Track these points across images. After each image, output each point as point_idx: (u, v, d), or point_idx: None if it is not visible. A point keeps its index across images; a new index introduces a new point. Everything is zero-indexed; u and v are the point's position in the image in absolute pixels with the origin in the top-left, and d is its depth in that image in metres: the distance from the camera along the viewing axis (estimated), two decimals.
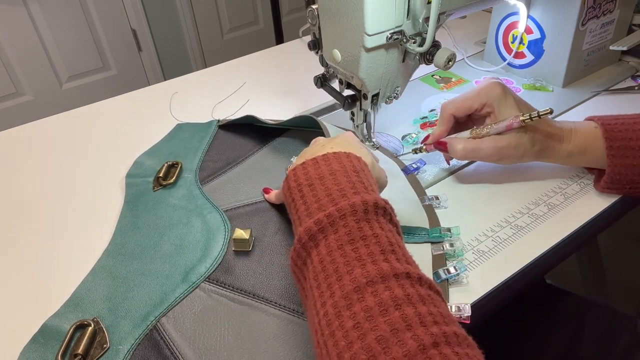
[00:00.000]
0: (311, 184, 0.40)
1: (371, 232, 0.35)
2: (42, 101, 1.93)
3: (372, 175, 0.43)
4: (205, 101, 0.81)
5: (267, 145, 0.69)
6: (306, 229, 0.36)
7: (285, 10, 2.39)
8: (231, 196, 0.60)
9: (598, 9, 0.71)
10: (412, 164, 0.62)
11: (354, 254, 0.34)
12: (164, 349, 0.43)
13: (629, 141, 0.51)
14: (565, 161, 0.56)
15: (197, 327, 0.45)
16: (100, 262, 0.51)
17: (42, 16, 1.79)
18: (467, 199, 0.57)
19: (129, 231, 0.55)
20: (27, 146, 0.74)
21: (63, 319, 0.45)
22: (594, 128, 0.53)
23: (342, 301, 0.31)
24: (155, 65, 2.16)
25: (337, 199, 0.38)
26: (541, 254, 0.49)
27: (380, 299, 0.30)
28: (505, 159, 0.54)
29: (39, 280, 0.52)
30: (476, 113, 0.56)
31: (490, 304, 0.46)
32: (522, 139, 0.52)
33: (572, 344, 0.64)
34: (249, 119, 0.70)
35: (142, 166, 0.65)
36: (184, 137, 0.71)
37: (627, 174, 0.52)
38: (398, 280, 0.32)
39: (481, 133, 0.54)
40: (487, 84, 0.55)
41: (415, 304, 0.30)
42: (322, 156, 0.43)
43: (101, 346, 0.43)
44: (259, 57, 0.97)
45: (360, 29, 0.51)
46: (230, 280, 0.49)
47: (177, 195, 0.60)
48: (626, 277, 1.36)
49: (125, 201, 0.59)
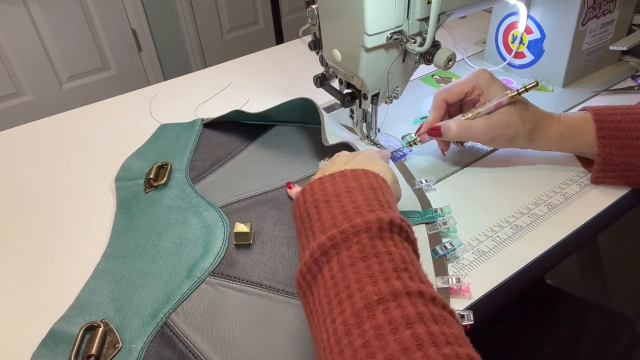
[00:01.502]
0: (327, 200, 0.40)
1: (385, 250, 0.35)
2: (42, 101, 1.93)
3: (390, 193, 0.43)
4: (204, 101, 0.81)
5: (255, 142, 0.70)
6: (319, 244, 0.36)
7: (285, 10, 2.39)
8: (225, 192, 0.60)
9: (598, 9, 0.71)
10: (397, 151, 0.64)
11: (366, 271, 0.33)
12: (177, 344, 0.43)
13: (618, 123, 0.53)
14: (557, 145, 0.57)
15: (208, 320, 0.45)
16: (101, 265, 0.51)
17: (42, 16, 1.79)
18: (467, 199, 0.57)
19: (125, 233, 0.55)
20: (27, 146, 0.74)
21: (71, 323, 0.45)
22: (585, 113, 0.55)
23: (353, 318, 0.31)
24: (155, 65, 2.16)
25: (352, 216, 0.37)
26: (541, 254, 0.49)
27: (391, 317, 0.30)
28: (498, 137, 0.56)
29: (40, 283, 0.51)
30: (467, 98, 0.58)
31: (490, 304, 0.46)
32: (513, 116, 0.54)
33: (572, 344, 0.64)
34: (235, 115, 0.71)
35: (130, 169, 0.65)
36: (169, 138, 0.71)
37: (619, 155, 0.53)
38: (410, 298, 0.31)
39: (473, 115, 0.56)
40: (475, 70, 0.58)
41: (427, 323, 0.29)
42: (340, 173, 0.42)
43: (113, 346, 0.43)
44: (259, 57, 0.97)
45: (360, 29, 0.51)
46: (235, 273, 0.50)
47: (170, 195, 0.60)
48: (626, 277, 1.36)
49: (118, 205, 0.59)
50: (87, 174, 0.67)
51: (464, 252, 0.50)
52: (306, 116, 0.68)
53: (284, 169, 0.64)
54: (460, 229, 0.52)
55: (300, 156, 0.66)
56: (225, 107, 0.74)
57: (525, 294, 0.49)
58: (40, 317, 0.47)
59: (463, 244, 0.51)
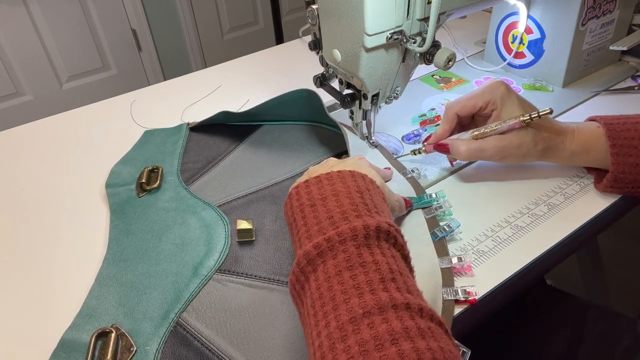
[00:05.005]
0: (313, 204, 0.39)
1: (371, 259, 0.34)
2: (42, 101, 1.93)
3: (378, 195, 0.42)
4: (205, 101, 0.81)
5: (244, 142, 0.70)
6: (305, 252, 0.35)
7: (285, 10, 2.39)
8: (220, 192, 0.60)
9: (598, 9, 0.71)
10: (373, 142, 0.65)
11: (352, 282, 0.32)
12: (193, 342, 0.43)
13: (632, 140, 0.51)
14: (569, 161, 0.56)
15: (220, 315, 0.45)
16: (103, 271, 0.51)
17: (42, 16, 1.79)
18: (467, 199, 0.57)
19: (123, 238, 0.55)
20: (27, 146, 0.74)
21: (80, 331, 0.45)
22: (597, 127, 0.54)
23: (337, 332, 0.30)
24: (155, 65, 2.16)
25: (338, 222, 0.36)
26: (541, 254, 0.49)
27: (376, 332, 0.29)
28: (509, 157, 0.54)
29: (41, 290, 0.51)
30: (480, 112, 0.56)
31: (490, 305, 0.46)
32: (525, 138, 0.53)
33: (573, 345, 0.64)
34: (221, 116, 0.71)
35: (119, 175, 0.64)
36: (156, 143, 0.71)
37: (631, 173, 0.52)
38: (396, 311, 0.30)
39: (483, 133, 0.54)
40: (491, 83, 0.55)
41: (413, 339, 0.28)
42: (326, 175, 0.42)
43: (128, 350, 0.43)
44: (259, 57, 0.97)
45: (360, 29, 0.51)
46: (242, 269, 0.50)
47: (165, 198, 0.60)
48: (626, 278, 1.36)
49: (112, 210, 0.59)
50: (87, 174, 0.67)
51: (464, 252, 0.50)
52: (307, 109, 0.68)
53: (279, 165, 0.64)
54: (460, 229, 0.52)
55: (293, 152, 0.67)
56: (224, 107, 0.74)
57: (525, 294, 0.49)
58: (45, 327, 0.46)
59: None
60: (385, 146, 0.66)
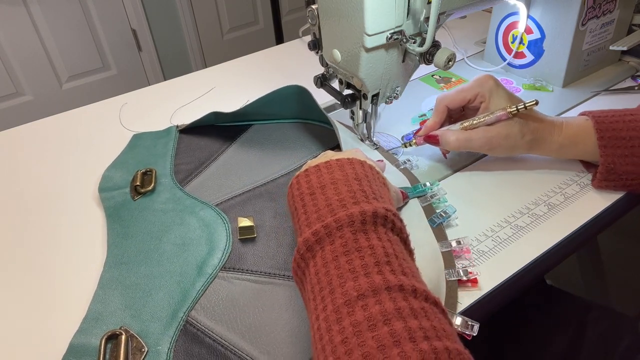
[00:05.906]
0: (313, 192, 0.40)
1: (367, 244, 0.35)
2: (42, 101, 1.93)
3: (378, 180, 0.43)
4: (198, 101, 0.81)
5: (236, 141, 0.70)
6: (304, 239, 0.36)
7: (285, 10, 2.39)
8: (216, 191, 0.61)
9: (598, 9, 0.71)
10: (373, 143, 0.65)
11: (347, 266, 0.33)
12: (204, 339, 0.43)
13: (620, 132, 0.52)
14: (558, 153, 0.57)
15: (230, 312, 0.45)
16: (106, 274, 0.51)
17: (42, 16, 1.79)
18: (467, 199, 0.57)
19: (122, 241, 0.54)
20: (27, 146, 0.74)
21: (89, 335, 0.45)
22: (585, 121, 0.55)
23: (333, 315, 0.31)
24: (155, 65, 2.16)
25: (336, 209, 0.37)
26: (541, 254, 0.49)
27: (369, 313, 0.30)
28: (497, 148, 0.55)
29: (43, 295, 0.51)
30: (469, 104, 0.58)
31: (490, 304, 0.46)
32: (512, 129, 0.54)
33: (573, 345, 0.64)
34: (212, 117, 0.71)
35: (112, 179, 0.64)
36: (146, 146, 0.70)
37: (621, 164, 0.52)
38: (390, 293, 0.31)
39: (471, 124, 0.55)
40: (480, 76, 0.57)
41: (405, 318, 0.29)
42: (325, 163, 0.43)
43: (139, 351, 0.43)
44: (259, 57, 0.97)
45: (360, 29, 0.51)
46: (246, 266, 0.50)
47: (161, 200, 0.60)
48: (627, 278, 1.36)
49: (107, 215, 0.58)
50: (87, 174, 0.66)
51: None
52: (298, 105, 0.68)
53: (272, 162, 0.65)
54: (460, 229, 0.52)
55: (286, 150, 0.67)
56: (222, 108, 0.74)
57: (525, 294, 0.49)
58: (45, 327, 0.46)
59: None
60: (385, 146, 0.66)
